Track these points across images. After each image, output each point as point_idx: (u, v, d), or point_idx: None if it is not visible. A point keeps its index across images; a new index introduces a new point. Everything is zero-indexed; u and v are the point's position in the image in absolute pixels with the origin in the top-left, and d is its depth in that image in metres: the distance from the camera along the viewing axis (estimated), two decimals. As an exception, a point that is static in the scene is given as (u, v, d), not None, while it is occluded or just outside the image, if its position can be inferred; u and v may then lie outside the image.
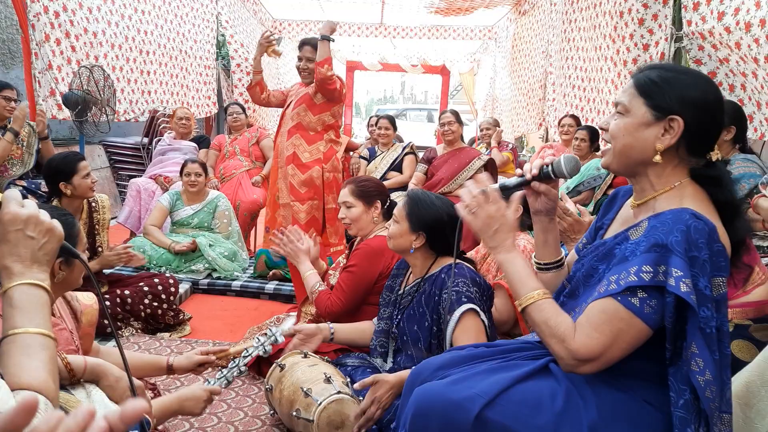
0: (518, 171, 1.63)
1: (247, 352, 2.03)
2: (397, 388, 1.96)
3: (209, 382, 1.97)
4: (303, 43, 3.83)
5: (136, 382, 1.66)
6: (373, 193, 2.80)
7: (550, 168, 1.57)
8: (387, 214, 2.75)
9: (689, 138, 1.38)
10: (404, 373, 1.95)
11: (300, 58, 3.79)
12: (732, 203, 1.40)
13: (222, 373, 1.99)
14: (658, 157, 1.39)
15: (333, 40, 3.71)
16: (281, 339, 2.12)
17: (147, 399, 1.83)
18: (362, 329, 2.52)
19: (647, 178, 1.44)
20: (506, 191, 1.60)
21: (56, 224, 1.10)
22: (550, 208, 1.64)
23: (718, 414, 1.31)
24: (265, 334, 2.16)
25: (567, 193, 4.69)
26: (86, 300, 1.90)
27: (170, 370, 2.11)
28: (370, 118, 6.41)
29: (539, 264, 1.75)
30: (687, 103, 1.37)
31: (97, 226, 3.45)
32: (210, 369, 2.87)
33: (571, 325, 1.40)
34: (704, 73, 1.55)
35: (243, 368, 2.02)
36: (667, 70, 1.43)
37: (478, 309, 2.07)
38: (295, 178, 3.70)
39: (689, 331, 1.29)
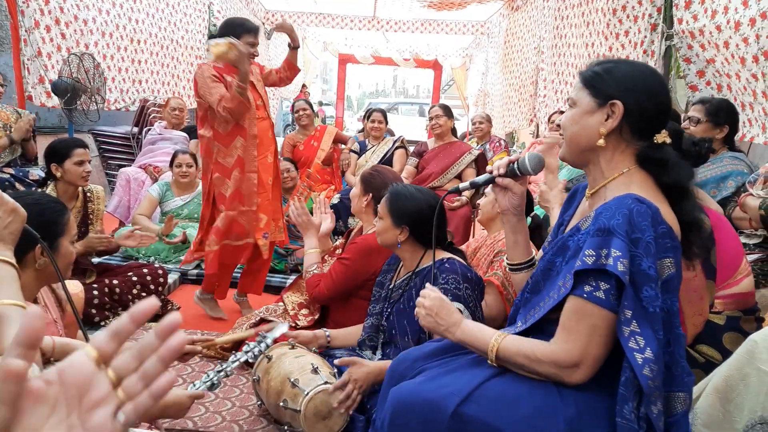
0: (488, 168, 1.69)
1: (236, 356, 2.03)
2: (376, 375, 2.00)
3: (194, 386, 1.95)
4: (256, 29, 3.52)
5: None
6: (370, 183, 2.83)
7: (515, 165, 1.64)
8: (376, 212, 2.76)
9: (631, 120, 1.43)
10: (385, 363, 1.97)
11: (254, 44, 3.53)
12: (678, 185, 1.44)
13: (208, 376, 1.99)
14: (601, 141, 1.44)
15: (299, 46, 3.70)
16: (271, 344, 2.12)
17: None
18: (359, 334, 2.52)
19: (598, 166, 1.49)
20: (475, 186, 1.77)
21: (18, 205, 1.11)
22: (516, 205, 1.68)
23: (666, 393, 1.34)
24: (255, 339, 2.16)
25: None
26: (71, 288, 1.89)
27: None
28: (366, 111, 6.39)
29: (511, 265, 1.78)
30: (626, 87, 1.43)
31: (91, 216, 3.44)
32: (197, 358, 2.88)
33: (542, 343, 1.43)
34: (646, 63, 1.61)
35: (230, 372, 2.02)
36: (609, 62, 1.50)
37: (462, 308, 2.08)
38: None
39: (629, 309, 1.31)
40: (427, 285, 1.69)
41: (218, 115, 3.24)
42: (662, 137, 1.44)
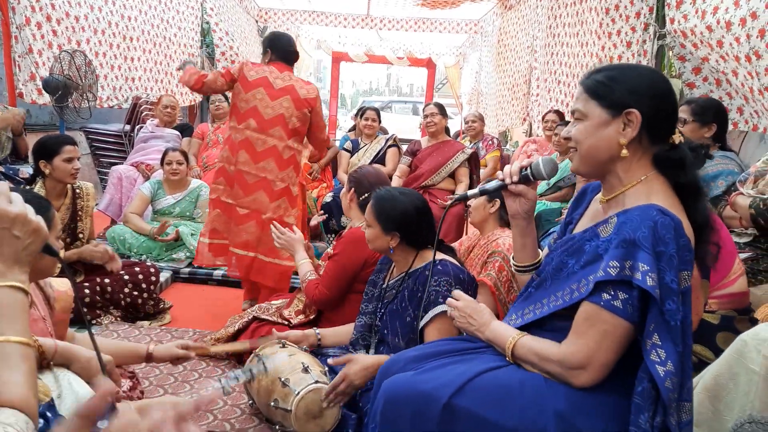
0: (499, 174, 1.67)
1: (235, 375, 2.03)
2: (372, 370, 1.99)
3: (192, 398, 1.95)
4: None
5: (106, 358, 1.65)
6: (353, 178, 2.86)
7: (528, 171, 1.61)
8: (361, 206, 2.77)
9: (649, 126, 1.42)
10: (382, 357, 1.97)
11: None
12: (695, 185, 1.44)
13: (207, 390, 1.99)
14: (624, 152, 1.42)
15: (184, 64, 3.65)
16: (270, 367, 2.13)
17: (117, 376, 1.83)
18: (349, 332, 2.52)
19: (616, 174, 1.47)
20: (486, 193, 1.74)
21: (42, 224, 1.06)
22: (527, 210, 1.67)
23: (677, 404, 1.34)
24: (255, 360, 2.17)
25: (547, 190, 4.73)
26: (60, 286, 1.87)
27: (149, 358, 2.10)
28: (360, 109, 6.39)
29: (517, 266, 1.78)
30: (638, 94, 1.41)
31: (80, 212, 3.42)
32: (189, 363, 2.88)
33: (554, 343, 1.45)
34: (647, 65, 1.61)
35: (229, 390, 2.02)
36: (611, 69, 1.48)
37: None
38: None
39: (652, 322, 1.32)
40: (456, 290, 1.81)
41: (318, 144, 3.76)
42: (677, 137, 1.44)
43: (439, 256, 2.23)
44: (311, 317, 2.87)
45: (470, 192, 1.79)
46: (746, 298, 2.28)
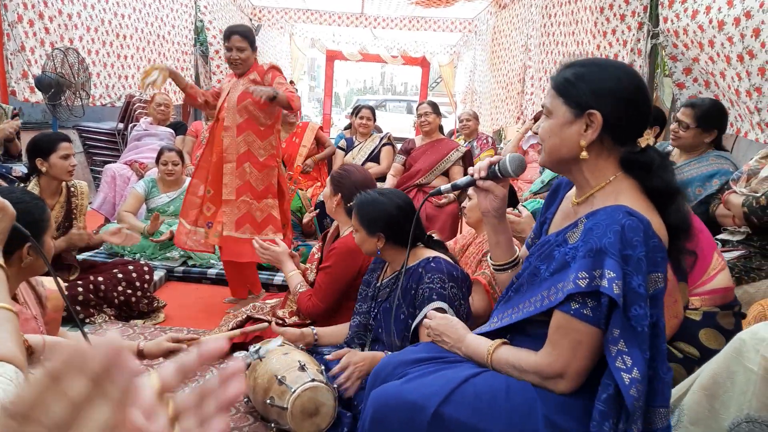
0: (470, 170, 1.67)
1: (228, 365, 2.02)
2: (369, 364, 2.01)
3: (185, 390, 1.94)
4: (230, 33, 3.49)
5: None
6: (339, 183, 2.81)
7: (496, 167, 1.61)
8: (348, 211, 2.75)
9: (611, 128, 1.39)
10: (378, 354, 1.98)
11: (230, 48, 3.46)
12: (665, 190, 1.41)
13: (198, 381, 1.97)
14: (584, 154, 1.40)
15: (277, 95, 3.34)
16: (264, 354, 2.12)
17: None
18: (345, 331, 2.52)
19: (582, 175, 1.45)
20: (457, 188, 1.78)
21: (7, 204, 1.11)
22: (497, 207, 1.65)
23: (646, 411, 1.32)
24: (248, 349, 2.16)
25: (542, 187, 4.74)
26: (52, 285, 1.87)
27: (140, 355, 2.09)
28: (355, 107, 6.40)
29: (495, 265, 1.77)
30: (601, 95, 1.38)
31: (74, 211, 3.41)
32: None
33: (529, 353, 1.46)
34: (621, 62, 1.56)
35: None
36: (581, 65, 1.45)
37: (446, 308, 2.08)
38: (252, 176, 3.55)
39: (617, 328, 1.30)
40: (430, 311, 1.85)
41: None
42: (645, 140, 1.42)
43: (432, 252, 2.24)
44: (307, 322, 2.87)
45: (443, 187, 1.80)
46: (730, 293, 2.26)
